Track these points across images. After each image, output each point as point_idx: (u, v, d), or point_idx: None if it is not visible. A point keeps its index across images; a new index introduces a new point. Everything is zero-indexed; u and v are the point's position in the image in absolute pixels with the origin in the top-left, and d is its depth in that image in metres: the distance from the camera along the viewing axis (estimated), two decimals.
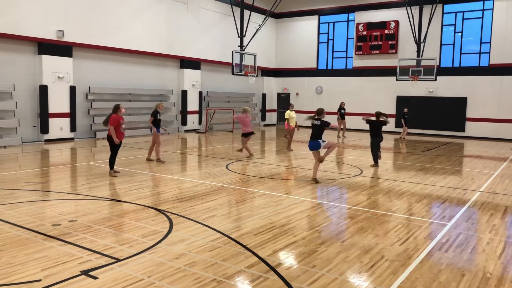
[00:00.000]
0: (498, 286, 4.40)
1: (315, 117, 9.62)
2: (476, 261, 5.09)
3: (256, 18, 23.79)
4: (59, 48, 16.27)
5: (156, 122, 11.79)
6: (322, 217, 6.95)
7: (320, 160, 9.72)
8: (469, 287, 4.34)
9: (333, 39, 26.63)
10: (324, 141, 9.53)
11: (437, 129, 23.02)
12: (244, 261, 4.87)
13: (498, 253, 5.35)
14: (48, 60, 15.99)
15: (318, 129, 9.53)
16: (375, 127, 11.95)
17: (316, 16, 26.89)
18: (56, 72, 16.23)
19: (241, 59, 20.57)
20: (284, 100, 28.45)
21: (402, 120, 20.40)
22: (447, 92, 22.73)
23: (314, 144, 9.52)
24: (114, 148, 9.87)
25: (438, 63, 21.88)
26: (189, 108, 22.37)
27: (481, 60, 22.13)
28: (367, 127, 12.26)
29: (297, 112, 19.52)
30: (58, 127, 16.48)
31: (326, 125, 9.53)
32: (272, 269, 4.66)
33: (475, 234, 6.15)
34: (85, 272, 4.44)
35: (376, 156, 12.02)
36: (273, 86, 28.97)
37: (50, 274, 4.39)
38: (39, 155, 13.35)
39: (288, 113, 15.19)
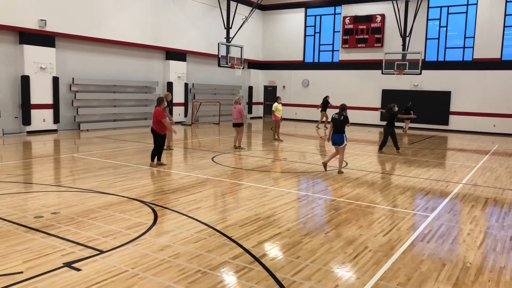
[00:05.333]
0: (478, 275, 4.50)
1: (338, 112, 10.07)
2: (457, 251, 5.19)
3: (243, 10, 23.63)
4: (42, 38, 15.93)
5: None
6: (307, 209, 6.99)
7: (325, 162, 10.20)
8: (449, 277, 4.43)
9: (319, 32, 26.64)
10: (345, 138, 9.99)
11: (421, 122, 23.26)
12: (229, 252, 4.88)
13: (478, 244, 5.46)
14: (30, 50, 15.66)
15: (340, 124, 9.92)
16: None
17: (303, 9, 26.84)
18: (39, 62, 15.91)
19: (228, 51, 20.43)
20: (271, 93, 28.44)
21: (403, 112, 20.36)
22: (432, 86, 22.98)
23: (337, 138, 9.90)
24: (158, 141, 9.97)
25: (423, 57, 22.09)
26: (175, 100, 22.16)
27: (465, 55, 22.40)
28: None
29: (283, 105, 19.66)
30: (41, 119, 16.20)
31: (347, 121, 9.96)
32: (257, 260, 4.68)
33: (456, 225, 6.26)
34: (68, 264, 4.40)
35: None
36: (259, 79, 28.89)
37: (32, 266, 4.33)
38: (21, 147, 13.12)
39: (275, 106, 15.95)
